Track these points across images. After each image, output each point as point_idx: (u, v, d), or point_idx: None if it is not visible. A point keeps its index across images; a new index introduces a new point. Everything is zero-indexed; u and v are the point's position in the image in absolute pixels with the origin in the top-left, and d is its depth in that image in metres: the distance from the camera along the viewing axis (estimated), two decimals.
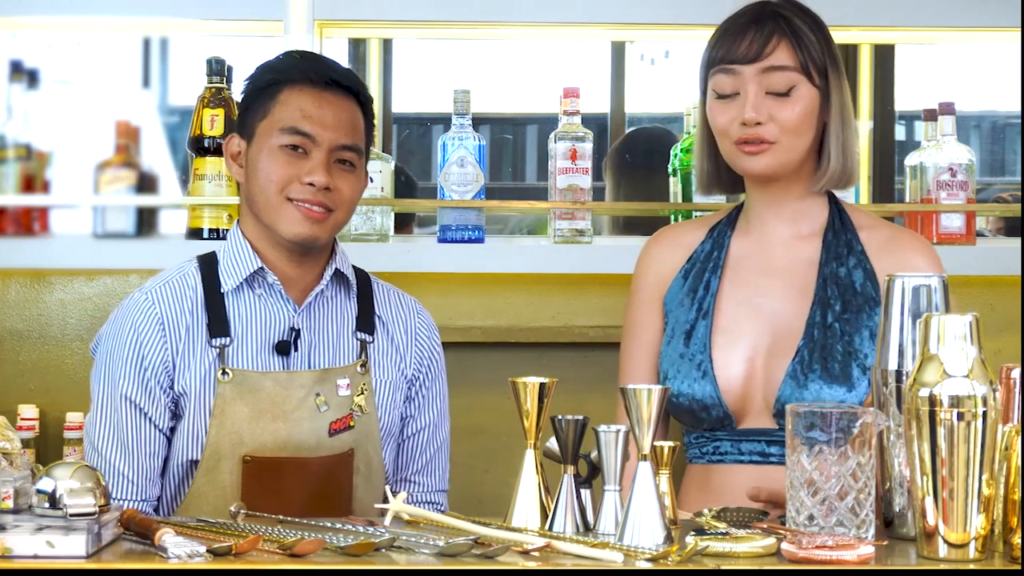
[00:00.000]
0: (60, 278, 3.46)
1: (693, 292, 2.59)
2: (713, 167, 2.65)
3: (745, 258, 2.61)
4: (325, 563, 1.92)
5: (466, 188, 3.39)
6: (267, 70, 2.57)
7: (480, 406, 3.34)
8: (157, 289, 2.53)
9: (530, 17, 3.51)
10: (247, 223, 2.56)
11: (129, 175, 3.48)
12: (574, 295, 3.49)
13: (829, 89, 2.56)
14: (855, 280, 2.54)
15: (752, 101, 2.51)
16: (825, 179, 2.58)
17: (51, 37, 3.82)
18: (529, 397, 2.13)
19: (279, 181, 2.49)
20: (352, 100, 2.55)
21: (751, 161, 2.54)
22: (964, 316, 1.97)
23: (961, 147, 3.51)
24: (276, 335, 2.52)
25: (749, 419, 2.50)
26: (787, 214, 2.61)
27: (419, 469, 2.66)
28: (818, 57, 2.55)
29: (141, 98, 4.33)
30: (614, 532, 2.04)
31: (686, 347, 2.53)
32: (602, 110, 4.76)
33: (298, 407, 2.49)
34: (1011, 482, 1.97)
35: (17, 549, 1.89)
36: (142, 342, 2.49)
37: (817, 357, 2.47)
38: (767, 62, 2.52)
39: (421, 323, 2.67)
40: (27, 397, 3.40)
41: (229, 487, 2.46)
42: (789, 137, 2.53)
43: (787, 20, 2.55)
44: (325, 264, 2.57)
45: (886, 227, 2.65)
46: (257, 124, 2.53)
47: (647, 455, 2.04)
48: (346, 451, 2.52)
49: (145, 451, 2.49)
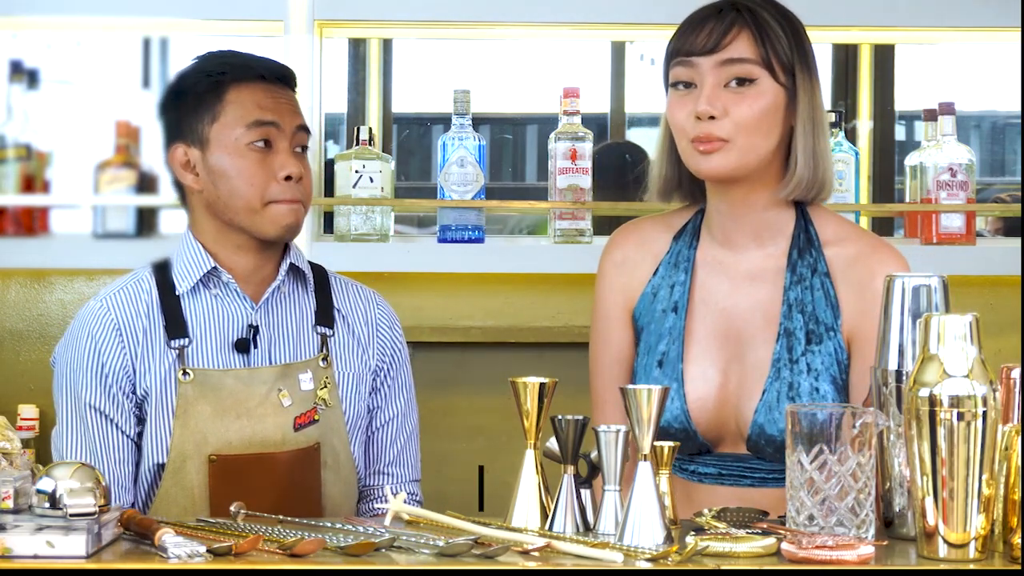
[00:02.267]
0: (60, 278, 3.47)
1: (663, 312, 2.49)
2: (674, 172, 2.50)
3: (711, 276, 2.48)
4: (325, 563, 1.92)
5: (466, 188, 3.40)
6: (200, 74, 2.53)
7: (480, 406, 3.35)
8: (111, 296, 2.52)
9: (530, 17, 3.52)
10: (202, 227, 2.54)
11: (129, 175, 3.49)
12: (574, 295, 3.49)
13: (796, 89, 2.41)
14: (817, 307, 2.43)
15: (707, 93, 2.37)
16: (792, 186, 2.42)
17: (51, 37, 3.82)
18: (529, 397, 2.12)
19: (259, 184, 2.48)
20: (286, 86, 2.57)
21: (704, 161, 2.38)
22: (964, 316, 1.97)
23: (961, 147, 3.51)
24: (235, 333, 2.52)
25: (726, 444, 2.45)
26: (749, 227, 2.46)
27: (391, 460, 2.65)
28: (784, 53, 2.40)
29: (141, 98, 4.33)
30: (614, 532, 2.04)
31: (658, 377, 2.45)
32: (602, 110, 4.76)
33: (261, 403, 2.49)
34: (1011, 482, 1.97)
35: (17, 549, 1.88)
36: (101, 349, 2.48)
37: (784, 396, 2.39)
38: (725, 53, 2.38)
39: (382, 314, 2.67)
40: (27, 397, 3.40)
41: (196, 487, 2.45)
42: (746, 136, 2.38)
43: (751, 12, 2.40)
44: (280, 259, 2.57)
45: (853, 242, 2.48)
46: (207, 128, 2.51)
47: (647, 455, 2.04)
48: (312, 445, 2.51)
49: (115, 458, 2.48)
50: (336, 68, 4.10)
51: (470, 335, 3.40)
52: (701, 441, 2.44)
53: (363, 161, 3.48)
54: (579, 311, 3.48)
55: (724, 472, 2.45)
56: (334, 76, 4.05)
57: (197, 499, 2.43)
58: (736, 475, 2.44)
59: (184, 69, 2.58)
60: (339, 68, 4.16)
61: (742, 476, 2.44)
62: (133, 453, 2.49)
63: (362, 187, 3.47)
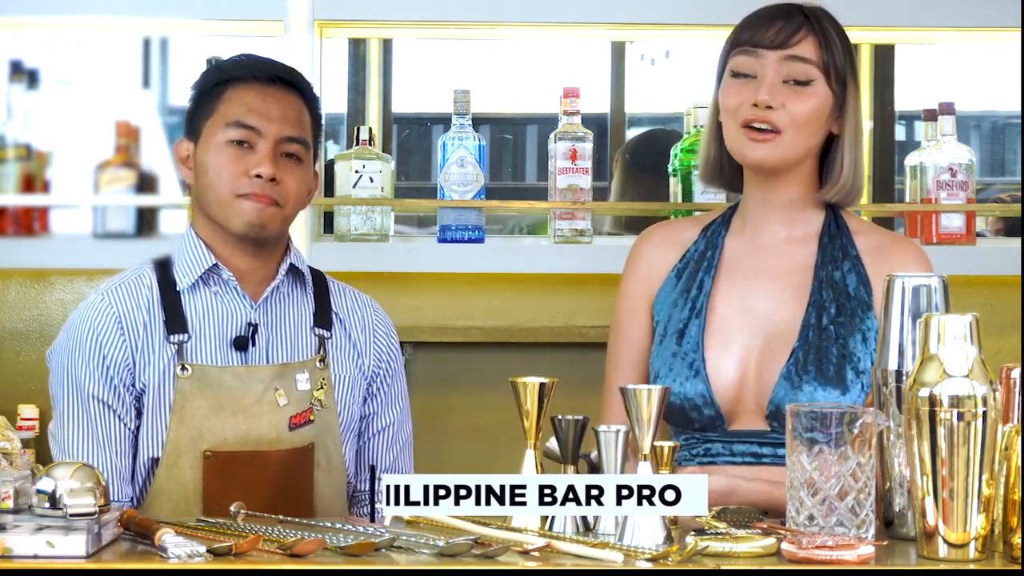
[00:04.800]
0: (60, 278, 3.46)
1: (686, 292, 2.56)
2: (717, 155, 2.61)
3: (739, 258, 2.58)
4: (325, 563, 1.92)
5: (466, 188, 3.40)
6: (212, 71, 2.60)
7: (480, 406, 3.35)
8: (112, 290, 2.54)
9: (530, 17, 3.52)
10: (200, 223, 2.57)
11: (129, 175, 3.49)
12: (574, 295, 3.49)
13: (846, 98, 2.54)
14: (848, 284, 2.51)
15: (768, 84, 2.49)
16: (835, 190, 2.55)
17: (51, 37, 3.83)
18: (529, 397, 2.13)
19: (228, 177, 2.50)
20: (296, 95, 2.57)
21: (752, 149, 2.50)
22: (964, 316, 1.97)
23: (961, 147, 3.51)
24: (234, 331, 2.53)
25: (740, 420, 2.49)
26: (782, 217, 2.57)
27: (386, 468, 2.66)
28: (840, 62, 2.53)
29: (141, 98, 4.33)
30: (614, 532, 2.04)
31: (679, 346, 2.51)
32: (602, 110, 4.76)
33: (257, 401, 2.49)
34: (1011, 482, 1.97)
35: (17, 549, 1.88)
36: (102, 341, 2.50)
37: (812, 359, 2.45)
38: (791, 51, 2.50)
39: (379, 322, 2.68)
40: (27, 397, 3.40)
41: (190, 483, 2.46)
42: (797, 130, 2.49)
43: (817, 19, 2.54)
44: (280, 260, 2.58)
45: (881, 233, 2.63)
46: (203, 124, 2.55)
47: (647, 455, 2.04)
48: (306, 445, 2.52)
49: (116, 450, 2.49)
50: (336, 68, 4.10)
51: (470, 335, 3.40)
52: (718, 411, 2.47)
53: (363, 161, 3.48)
54: (579, 311, 3.49)
55: (736, 450, 2.47)
56: (334, 76, 4.05)
57: (191, 494, 2.44)
58: (748, 453, 2.46)
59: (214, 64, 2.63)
60: (339, 68, 4.16)
61: (753, 454, 2.46)
62: (132, 445, 2.50)
63: (362, 187, 3.47)
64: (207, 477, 2.45)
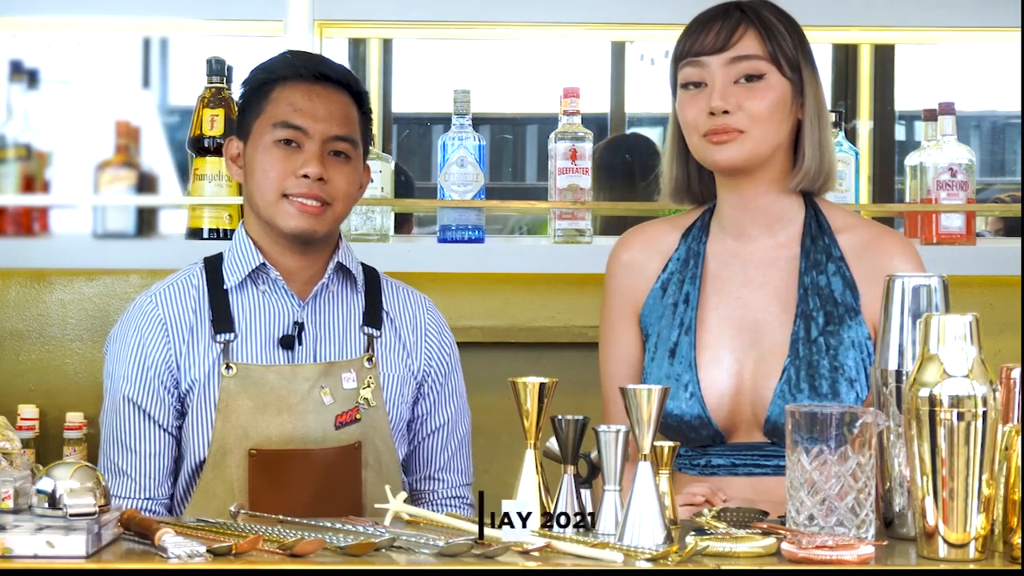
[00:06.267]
0: (60, 278, 3.46)
1: (673, 305, 2.52)
2: (683, 173, 2.57)
3: (723, 267, 2.53)
4: (325, 563, 1.92)
5: (466, 188, 3.40)
6: (260, 70, 2.61)
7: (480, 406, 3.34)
8: (161, 291, 2.57)
9: (530, 17, 3.51)
10: (250, 222, 2.60)
11: (129, 175, 3.49)
12: (574, 295, 3.49)
13: (803, 84, 2.49)
14: (835, 289, 2.47)
15: (719, 90, 2.44)
16: (801, 176, 2.49)
17: (51, 37, 3.83)
18: (529, 397, 2.13)
19: (276, 177, 2.52)
20: (344, 92, 2.58)
21: (719, 151, 2.45)
22: (964, 316, 1.97)
23: (961, 147, 3.51)
24: (280, 330, 2.55)
25: (739, 434, 2.46)
26: (761, 217, 2.52)
27: (442, 466, 2.68)
28: (789, 50, 2.48)
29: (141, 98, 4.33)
30: (614, 532, 2.04)
31: (671, 366, 2.48)
32: (602, 110, 4.76)
33: (303, 400, 2.50)
34: (1011, 482, 1.97)
35: (17, 549, 1.89)
36: (145, 344, 2.53)
37: (805, 376, 2.42)
38: (734, 51, 2.46)
39: (431, 321, 2.68)
40: (27, 397, 3.40)
41: (236, 481, 2.47)
42: (759, 126, 2.44)
43: (755, 11, 2.49)
44: (328, 258, 2.58)
45: (864, 229, 2.55)
46: (252, 124, 2.57)
47: (647, 455, 2.04)
48: (353, 444, 2.53)
49: (147, 450, 2.52)
50: None
51: (470, 335, 3.40)
52: (716, 429, 2.45)
53: None
54: (579, 311, 3.48)
55: (738, 462, 2.46)
56: None
57: (237, 493, 2.46)
58: (751, 464, 2.45)
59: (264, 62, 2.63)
60: None
61: (756, 465, 2.45)
62: (170, 446, 2.53)
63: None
64: (253, 475, 2.47)
